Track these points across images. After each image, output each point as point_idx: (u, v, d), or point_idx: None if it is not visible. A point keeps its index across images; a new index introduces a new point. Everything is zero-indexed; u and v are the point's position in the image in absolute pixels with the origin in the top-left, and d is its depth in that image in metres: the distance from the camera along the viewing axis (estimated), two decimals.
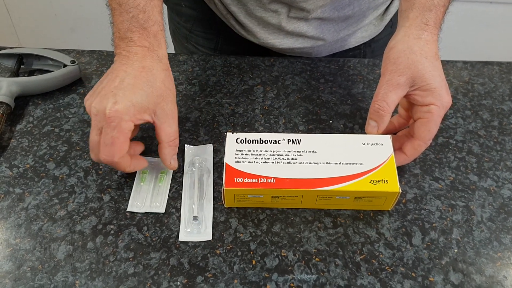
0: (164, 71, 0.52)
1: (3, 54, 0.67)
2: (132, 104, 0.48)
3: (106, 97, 0.48)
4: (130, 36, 0.51)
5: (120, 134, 0.48)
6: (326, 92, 0.67)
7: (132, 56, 0.51)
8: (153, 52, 0.52)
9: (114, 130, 0.48)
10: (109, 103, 0.48)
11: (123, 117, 0.48)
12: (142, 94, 0.49)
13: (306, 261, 0.48)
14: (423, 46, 0.52)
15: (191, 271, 0.47)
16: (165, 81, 0.52)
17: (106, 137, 0.48)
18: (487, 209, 0.54)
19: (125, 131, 0.48)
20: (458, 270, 0.48)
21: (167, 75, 0.53)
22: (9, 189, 0.54)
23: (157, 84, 0.50)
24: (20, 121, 0.62)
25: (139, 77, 0.50)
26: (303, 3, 0.66)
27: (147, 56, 0.51)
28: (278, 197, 0.51)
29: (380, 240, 0.50)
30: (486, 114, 0.65)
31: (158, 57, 0.52)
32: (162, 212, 0.52)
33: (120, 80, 0.49)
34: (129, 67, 0.50)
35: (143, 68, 0.50)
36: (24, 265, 0.47)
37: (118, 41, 0.52)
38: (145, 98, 0.49)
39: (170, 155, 0.53)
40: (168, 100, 0.51)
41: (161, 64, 0.52)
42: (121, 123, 0.48)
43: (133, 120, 0.49)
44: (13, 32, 1.81)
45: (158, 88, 0.50)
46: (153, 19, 0.52)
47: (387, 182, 0.50)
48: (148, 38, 0.51)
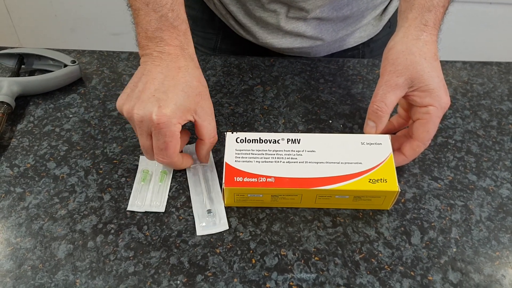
0: (197, 68, 0.53)
1: (4, 54, 0.67)
2: (176, 106, 0.48)
3: (149, 101, 0.48)
4: (160, 35, 0.51)
5: (172, 138, 0.49)
6: (326, 92, 0.68)
7: (166, 56, 0.51)
8: (184, 51, 0.52)
9: (166, 136, 0.48)
10: (154, 108, 0.47)
11: (171, 120, 0.48)
12: (183, 95, 0.49)
13: (305, 260, 0.49)
14: (422, 47, 0.52)
15: (191, 270, 0.48)
16: (200, 79, 0.52)
17: (159, 142, 0.49)
18: (485, 208, 0.54)
19: (175, 134, 0.49)
20: (456, 269, 0.48)
21: (200, 73, 0.53)
22: (10, 189, 0.54)
23: (194, 83, 0.51)
24: (20, 121, 0.62)
25: (178, 78, 0.50)
26: (302, 3, 0.66)
27: (180, 55, 0.51)
28: (277, 196, 0.51)
29: (379, 239, 0.51)
30: (485, 114, 0.65)
31: (190, 56, 0.52)
32: (162, 212, 0.52)
33: (159, 83, 0.49)
34: (164, 68, 0.50)
35: (179, 68, 0.50)
36: (25, 264, 0.48)
37: (146, 41, 0.51)
38: (187, 98, 0.49)
39: (207, 151, 0.54)
40: (205, 97, 0.52)
41: (193, 63, 0.52)
42: (170, 127, 0.48)
43: (180, 122, 0.49)
44: (13, 32, 1.81)
45: (196, 87, 0.51)
46: (181, 18, 0.52)
47: (386, 181, 0.50)
48: (178, 36, 0.51)
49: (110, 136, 0.60)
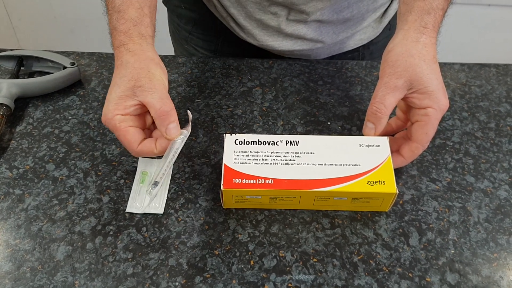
0: (132, 56, 0.52)
1: (3, 56, 0.68)
2: (108, 101, 0.51)
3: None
4: (112, 41, 0.54)
5: (116, 131, 0.51)
6: (324, 94, 0.68)
7: (115, 61, 0.53)
8: (124, 46, 0.53)
9: (114, 131, 0.51)
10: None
11: (107, 115, 0.50)
12: (116, 88, 0.51)
13: (304, 262, 0.49)
14: (421, 49, 0.52)
15: (189, 272, 0.48)
16: (135, 63, 0.51)
17: (118, 139, 0.51)
18: (483, 210, 0.54)
19: (116, 126, 0.50)
20: (454, 271, 0.49)
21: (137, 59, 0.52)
22: (9, 190, 0.54)
23: (127, 72, 0.51)
24: (20, 123, 0.62)
25: (115, 76, 0.52)
26: (303, 5, 0.66)
27: (119, 54, 0.53)
28: (276, 198, 0.51)
29: (377, 241, 0.51)
30: (483, 116, 0.65)
31: (127, 49, 0.52)
32: (161, 213, 0.52)
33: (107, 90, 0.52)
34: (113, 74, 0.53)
35: (116, 68, 0.52)
36: (24, 266, 0.48)
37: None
38: (118, 88, 0.51)
39: (163, 125, 0.51)
40: (141, 77, 0.51)
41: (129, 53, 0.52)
42: (110, 122, 0.50)
43: (117, 113, 0.50)
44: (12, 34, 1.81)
45: (129, 73, 0.51)
46: (125, 17, 0.53)
47: (384, 183, 0.50)
48: (119, 37, 0.53)
49: (109, 138, 0.61)
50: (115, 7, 0.53)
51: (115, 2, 0.53)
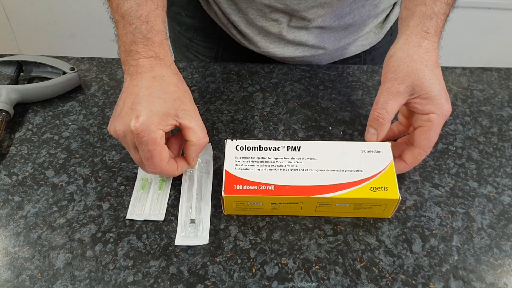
0: (174, 75, 0.52)
1: (2, 62, 0.67)
2: (153, 113, 0.48)
3: (127, 115, 0.48)
4: (135, 48, 0.51)
5: (155, 146, 0.48)
6: (326, 98, 0.67)
7: (140, 69, 0.50)
8: (160, 60, 0.51)
9: (148, 144, 0.48)
10: (132, 120, 0.47)
11: (150, 128, 0.47)
12: (160, 101, 0.49)
13: (306, 269, 0.48)
14: (423, 54, 0.52)
15: (190, 279, 0.47)
16: (178, 84, 0.51)
17: (144, 152, 0.48)
18: (487, 215, 0.54)
19: (157, 140, 0.48)
20: (458, 278, 0.48)
21: (179, 79, 0.52)
22: (8, 197, 0.54)
23: (171, 89, 0.50)
24: (19, 129, 0.62)
25: (152, 87, 0.49)
26: (304, 12, 0.66)
27: (155, 65, 0.51)
28: (277, 204, 0.51)
29: (380, 248, 0.50)
30: (486, 121, 0.65)
31: (165, 64, 0.52)
32: (162, 220, 0.52)
33: (135, 96, 0.49)
34: (139, 81, 0.50)
35: (153, 78, 0.50)
36: (23, 274, 0.47)
37: (125, 55, 0.51)
38: (164, 104, 0.49)
39: (195, 153, 0.52)
40: (186, 101, 0.51)
41: (170, 70, 0.52)
42: (151, 135, 0.47)
43: (160, 128, 0.48)
44: (12, 38, 1.81)
45: (173, 92, 0.50)
46: (156, 29, 0.51)
47: (387, 189, 0.50)
48: (153, 47, 0.51)
49: (109, 144, 0.60)
50: (141, 16, 0.51)
51: (141, 12, 0.51)
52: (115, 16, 0.52)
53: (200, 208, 0.52)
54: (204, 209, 0.52)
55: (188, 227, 0.50)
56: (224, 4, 0.69)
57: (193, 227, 0.50)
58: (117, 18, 0.52)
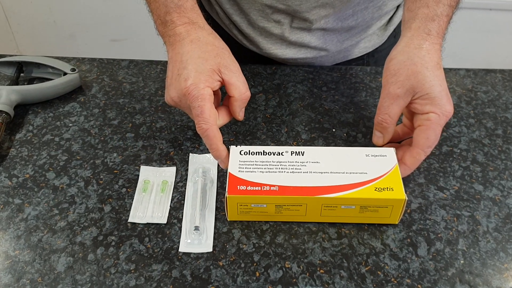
0: (209, 35, 0.54)
1: (2, 62, 0.67)
2: (199, 72, 0.50)
3: (176, 81, 0.51)
4: (170, 18, 0.54)
5: (204, 102, 0.50)
6: (329, 100, 0.67)
7: (178, 37, 0.53)
8: (194, 24, 0.54)
9: (198, 100, 0.50)
10: (181, 84, 0.50)
11: (198, 85, 0.50)
12: (202, 61, 0.51)
13: (310, 273, 0.48)
14: (424, 56, 0.52)
15: (193, 283, 0.47)
16: (215, 42, 0.54)
17: (195, 109, 0.50)
18: (492, 219, 0.53)
19: (206, 97, 0.50)
20: (464, 282, 0.48)
21: (215, 37, 0.55)
22: (8, 200, 0.53)
23: (209, 48, 0.53)
24: (19, 130, 0.61)
25: (192, 50, 0.52)
26: (306, 13, 0.65)
27: (191, 30, 0.53)
28: (282, 206, 0.50)
29: (385, 251, 0.50)
30: (490, 123, 0.64)
31: (200, 27, 0.54)
32: (164, 223, 0.51)
33: (179, 62, 0.52)
34: (179, 48, 0.53)
35: (191, 41, 0.53)
36: (24, 278, 0.47)
37: (162, 28, 0.55)
38: (206, 62, 0.51)
39: (240, 108, 0.54)
40: (225, 56, 0.53)
41: (205, 31, 0.54)
42: (200, 91, 0.50)
43: (208, 85, 0.50)
44: (12, 38, 1.80)
45: (211, 50, 0.52)
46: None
47: (393, 189, 0.49)
48: (186, 14, 0.54)
49: (110, 146, 0.59)
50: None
51: None
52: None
53: (205, 216, 0.52)
54: (208, 217, 0.52)
55: (192, 234, 0.50)
56: (226, 4, 0.69)
57: (197, 234, 0.50)
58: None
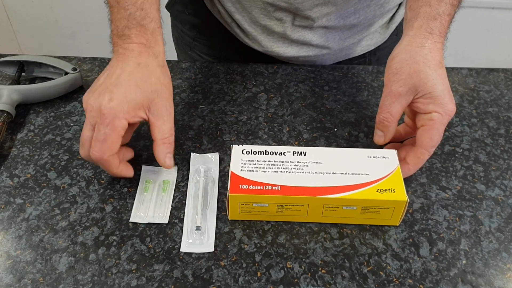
0: (160, 67, 0.52)
1: (4, 62, 0.66)
2: (126, 101, 0.49)
3: (102, 93, 0.49)
4: (127, 33, 0.52)
5: (112, 132, 0.48)
6: (330, 99, 0.67)
7: (129, 53, 0.51)
8: (149, 49, 0.52)
9: (107, 127, 0.48)
10: (104, 100, 0.48)
11: (117, 114, 0.48)
12: (137, 90, 0.49)
13: (312, 273, 0.48)
14: (426, 55, 0.51)
15: (195, 284, 0.46)
16: (160, 77, 0.52)
17: (99, 133, 0.48)
18: (495, 219, 0.53)
19: (118, 129, 0.48)
20: (467, 282, 0.47)
21: (163, 71, 0.53)
22: (10, 199, 0.53)
23: (152, 80, 0.51)
24: (21, 130, 0.61)
25: (134, 73, 0.50)
26: (308, 11, 0.65)
27: (143, 52, 0.52)
28: (283, 206, 0.50)
29: (387, 251, 0.50)
30: (493, 122, 0.64)
31: (154, 54, 0.52)
32: (166, 223, 0.51)
33: (116, 77, 0.50)
34: (124, 64, 0.51)
35: (138, 64, 0.51)
36: (25, 278, 0.47)
37: (116, 38, 0.52)
38: (140, 94, 0.49)
39: (164, 153, 0.52)
40: (163, 96, 0.51)
41: (157, 61, 0.52)
42: (114, 120, 0.48)
43: (126, 118, 0.49)
44: (13, 38, 1.80)
45: (153, 83, 0.51)
46: (150, 16, 0.52)
47: (394, 191, 0.49)
48: (145, 35, 0.52)
49: None
50: (136, 3, 0.52)
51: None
52: (110, 1, 0.53)
53: (206, 216, 0.52)
54: (210, 217, 0.52)
55: (193, 234, 0.50)
56: (228, 2, 0.69)
57: (198, 234, 0.50)
58: (112, 3, 0.53)
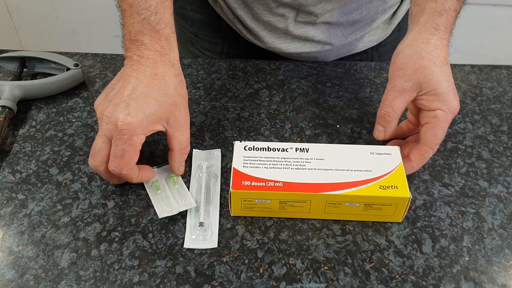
0: (176, 76, 0.51)
1: (5, 57, 0.66)
2: (145, 116, 0.47)
3: (119, 106, 0.47)
4: (141, 38, 0.50)
5: (131, 148, 0.47)
6: (333, 96, 0.66)
7: (144, 61, 0.50)
8: (165, 57, 0.50)
9: (125, 143, 0.47)
10: (121, 114, 0.47)
11: (135, 130, 0.47)
12: (155, 104, 0.48)
13: (314, 270, 0.48)
14: (431, 51, 0.51)
15: (197, 280, 0.46)
16: (177, 87, 0.51)
17: (117, 149, 0.47)
18: (498, 216, 0.53)
19: (136, 145, 0.48)
20: (469, 279, 0.47)
21: (180, 81, 0.52)
22: (12, 195, 0.53)
23: (170, 92, 0.49)
24: (22, 126, 0.61)
25: (152, 85, 0.49)
26: (311, 7, 0.65)
27: (159, 61, 0.50)
28: (286, 203, 0.50)
29: (389, 248, 0.49)
30: (495, 119, 0.64)
31: (170, 62, 0.51)
32: (195, 206, 0.51)
33: (132, 88, 0.48)
34: (140, 74, 0.49)
35: (155, 75, 0.49)
36: (27, 273, 0.47)
37: (129, 43, 0.51)
38: (158, 108, 0.48)
39: (179, 162, 0.53)
40: (181, 107, 0.51)
41: (173, 70, 0.51)
42: (133, 137, 0.47)
43: (145, 133, 0.48)
44: (14, 34, 1.80)
45: (171, 95, 0.49)
46: (165, 21, 0.51)
47: (397, 188, 0.49)
48: (160, 41, 0.50)
49: None
50: (150, 7, 0.50)
51: (150, 3, 0.50)
52: (122, 5, 0.51)
53: (209, 212, 0.51)
54: (212, 213, 0.51)
55: (197, 230, 0.50)
56: None
57: (201, 230, 0.50)
58: (125, 7, 0.51)
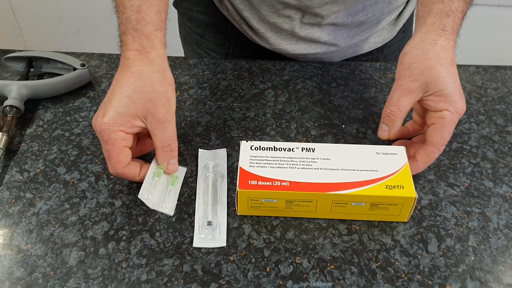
0: (154, 73, 0.50)
1: (12, 57, 0.67)
2: (117, 113, 0.48)
3: (99, 112, 0.49)
4: (124, 39, 0.50)
5: (113, 146, 0.48)
6: (338, 96, 0.67)
7: (125, 62, 0.50)
8: (144, 55, 0.50)
9: (107, 144, 0.48)
10: (98, 118, 0.48)
11: (111, 128, 0.47)
12: (129, 101, 0.48)
13: (321, 269, 0.48)
14: (438, 52, 0.51)
15: (204, 278, 0.47)
16: (155, 84, 0.49)
17: (104, 151, 0.48)
18: (503, 215, 0.53)
19: (116, 142, 0.48)
20: (475, 278, 0.47)
21: (159, 78, 0.50)
22: (20, 194, 0.54)
23: (145, 89, 0.49)
24: (30, 125, 0.62)
25: (127, 84, 0.49)
26: (317, 9, 0.65)
27: (137, 60, 0.50)
28: (292, 202, 0.50)
29: (395, 247, 0.50)
30: (500, 119, 0.64)
31: (149, 60, 0.50)
32: (171, 215, 0.51)
33: (111, 91, 0.49)
34: (120, 75, 0.50)
35: (132, 74, 0.49)
36: (36, 271, 0.47)
37: (120, 46, 0.52)
38: (132, 105, 0.48)
39: (165, 160, 0.52)
40: (158, 104, 0.49)
41: (152, 67, 0.50)
42: (110, 135, 0.47)
43: (122, 130, 0.48)
44: (18, 34, 1.81)
45: (146, 92, 0.49)
46: (147, 19, 0.50)
47: (403, 187, 0.49)
48: (140, 40, 0.50)
49: None
50: (133, 6, 0.50)
51: (133, 1, 0.50)
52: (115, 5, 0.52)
53: (217, 211, 0.52)
54: (220, 212, 0.52)
55: (205, 229, 0.50)
56: (236, 0, 0.69)
57: (210, 229, 0.50)
58: (116, 7, 0.52)
